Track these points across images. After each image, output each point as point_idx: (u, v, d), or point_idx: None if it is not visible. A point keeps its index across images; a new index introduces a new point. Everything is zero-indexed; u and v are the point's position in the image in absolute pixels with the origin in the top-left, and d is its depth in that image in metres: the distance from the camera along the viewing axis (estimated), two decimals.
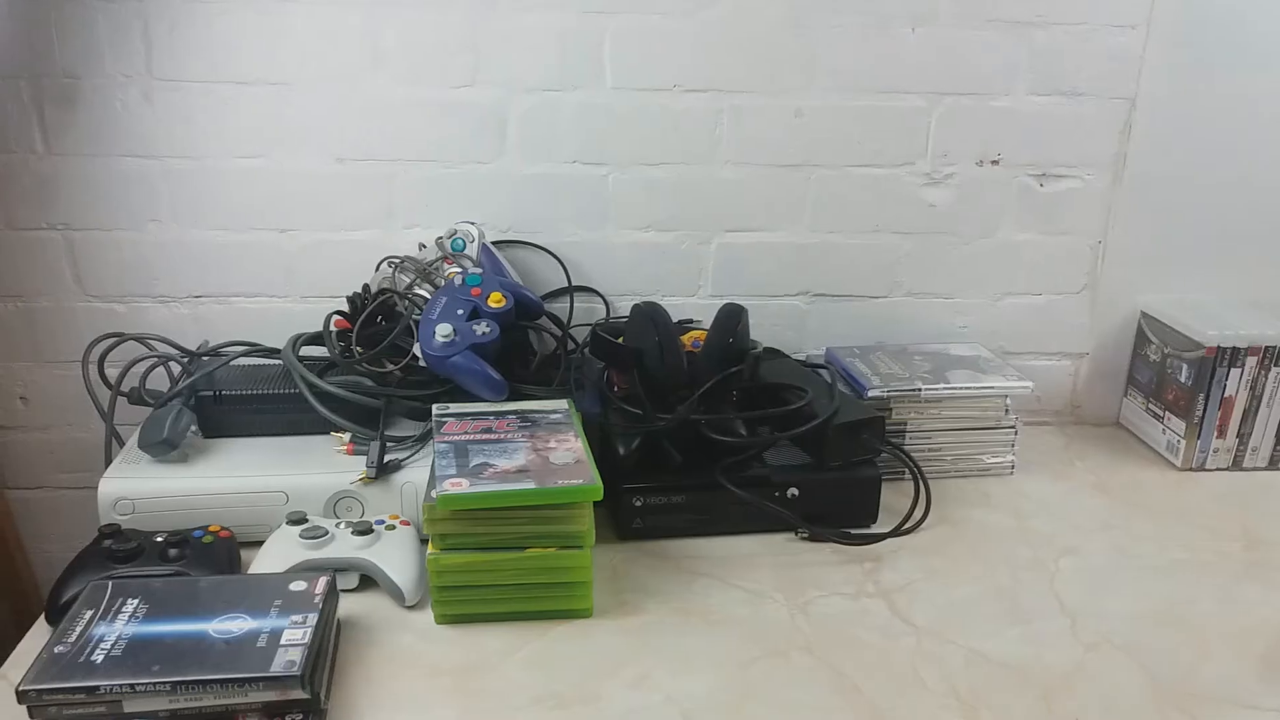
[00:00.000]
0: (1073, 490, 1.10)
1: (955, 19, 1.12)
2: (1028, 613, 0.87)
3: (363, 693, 0.75)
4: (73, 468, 1.19)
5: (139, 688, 0.66)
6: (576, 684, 0.76)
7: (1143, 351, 1.21)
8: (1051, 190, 1.20)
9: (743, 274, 1.20)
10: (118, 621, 0.71)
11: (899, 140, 1.16)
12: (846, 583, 0.91)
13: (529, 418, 0.92)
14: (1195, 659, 0.81)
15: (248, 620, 0.72)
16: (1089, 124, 1.17)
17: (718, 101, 1.13)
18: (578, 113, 1.11)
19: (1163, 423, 1.15)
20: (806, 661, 0.80)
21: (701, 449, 0.96)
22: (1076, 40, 1.14)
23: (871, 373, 1.12)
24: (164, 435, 0.92)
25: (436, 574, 0.81)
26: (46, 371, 1.15)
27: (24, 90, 1.05)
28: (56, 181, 1.08)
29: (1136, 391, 1.23)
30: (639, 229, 1.17)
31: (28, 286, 1.12)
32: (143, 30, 1.04)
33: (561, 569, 0.82)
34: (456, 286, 1.00)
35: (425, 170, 1.12)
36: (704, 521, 0.97)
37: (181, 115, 1.07)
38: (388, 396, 0.97)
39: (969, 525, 1.02)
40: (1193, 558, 0.96)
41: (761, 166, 1.16)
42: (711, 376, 0.97)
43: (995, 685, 0.77)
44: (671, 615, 0.85)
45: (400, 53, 1.07)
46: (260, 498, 0.91)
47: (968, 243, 1.22)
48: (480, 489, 0.79)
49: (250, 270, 1.14)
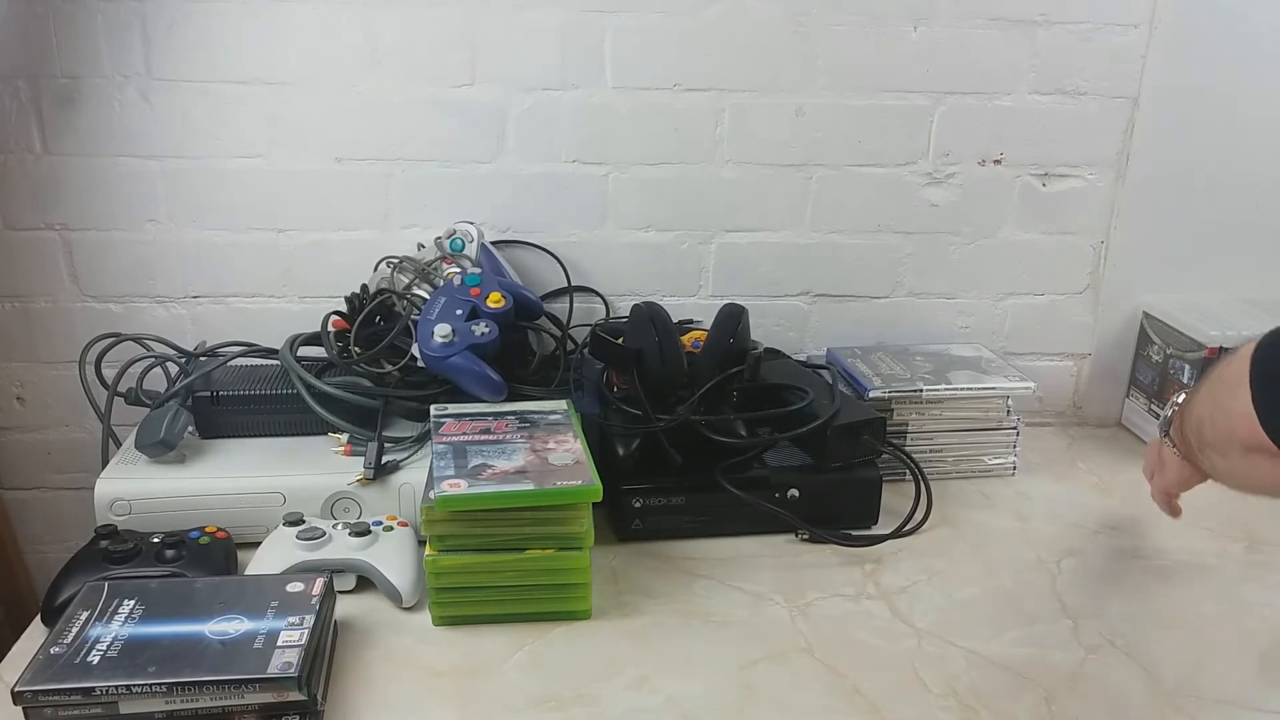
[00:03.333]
0: (1075, 491, 1.10)
1: (957, 18, 1.11)
2: (1029, 614, 0.86)
3: (360, 695, 0.74)
4: (69, 468, 1.18)
5: (135, 689, 0.66)
6: (575, 686, 0.76)
7: (1145, 352, 1.20)
8: (1054, 190, 1.20)
9: (743, 274, 1.20)
10: (114, 623, 0.71)
11: (901, 139, 1.16)
12: (847, 584, 0.90)
13: (528, 418, 0.92)
14: (1197, 661, 0.81)
15: (244, 621, 0.72)
16: (1092, 123, 1.17)
17: (718, 101, 1.12)
18: (577, 112, 1.11)
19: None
20: (807, 663, 0.79)
21: (701, 450, 0.96)
22: (1079, 39, 1.13)
23: (873, 373, 1.11)
24: (161, 436, 0.92)
25: (434, 575, 0.81)
26: (43, 372, 1.15)
27: (22, 90, 1.04)
28: (54, 181, 1.08)
29: (1139, 393, 1.23)
30: (639, 229, 1.17)
31: (25, 286, 1.12)
32: (141, 30, 1.03)
33: (560, 570, 0.82)
34: (455, 287, 0.99)
35: (424, 170, 1.12)
36: (704, 522, 0.96)
37: (180, 115, 1.07)
38: (386, 397, 0.97)
39: (970, 526, 1.01)
40: (1195, 559, 0.96)
41: (762, 166, 1.15)
42: (711, 377, 0.97)
43: (997, 687, 0.77)
44: (671, 617, 0.85)
45: (399, 52, 1.07)
46: (257, 499, 0.91)
47: (970, 242, 1.21)
48: (479, 490, 0.79)
49: (248, 270, 1.13)
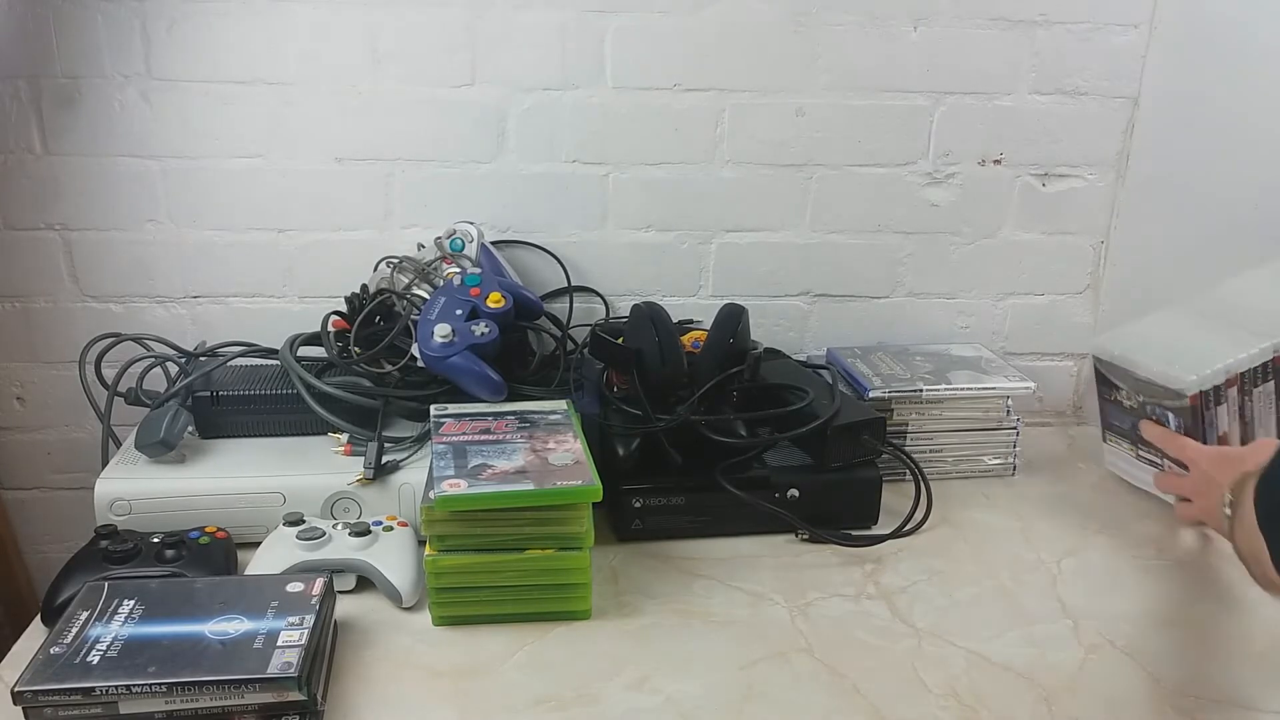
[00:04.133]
0: (1074, 491, 1.09)
1: (957, 18, 1.11)
2: (1029, 615, 0.86)
3: (360, 695, 0.74)
4: (69, 468, 1.18)
5: (135, 689, 0.65)
6: (575, 686, 0.76)
7: (1112, 397, 1.04)
8: (1054, 190, 1.20)
9: (743, 274, 1.20)
10: (114, 623, 0.71)
11: (901, 139, 1.16)
12: (847, 584, 0.90)
13: (528, 418, 0.92)
14: (1197, 661, 0.81)
15: (244, 621, 0.72)
16: (1092, 123, 1.17)
17: (718, 101, 1.12)
18: (577, 112, 1.11)
19: (1164, 469, 1.02)
20: (807, 663, 0.79)
21: (701, 450, 0.96)
22: (1079, 39, 1.13)
23: (873, 373, 1.11)
24: (161, 436, 0.92)
25: (434, 575, 0.81)
26: (43, 372, 1.15)
27: (22, 90, 1.04)
28: (54, 181, 1.08)
29: (1119, 439, 1.06)
30: (639, 229, 1.17)
31: (25, 286, 1.11)
32: (141, 30, 1.03)
33: (560, 570, 0.82)
34: (455, 287, 0.99)
35: (424, 170, 1.12)
36: (704, 523, 0.96)
37: (180, 115, 1.07)
38: (386, 397, 0.97)
39: (970, 527, 1.01)
40: (1195, 560, 0.96)
41: (762, 166, 1.15)
42: (711, 377, 0.97)
43: (997, 688, 0.77)
44: (671, 617, 0.85)
45: (399, 52, 1.07)
46: (257, 499, 0.91)
47: (970, 243, 1.21)
48: (479, 490, 0.79)
49: (248, 270, 1.13)
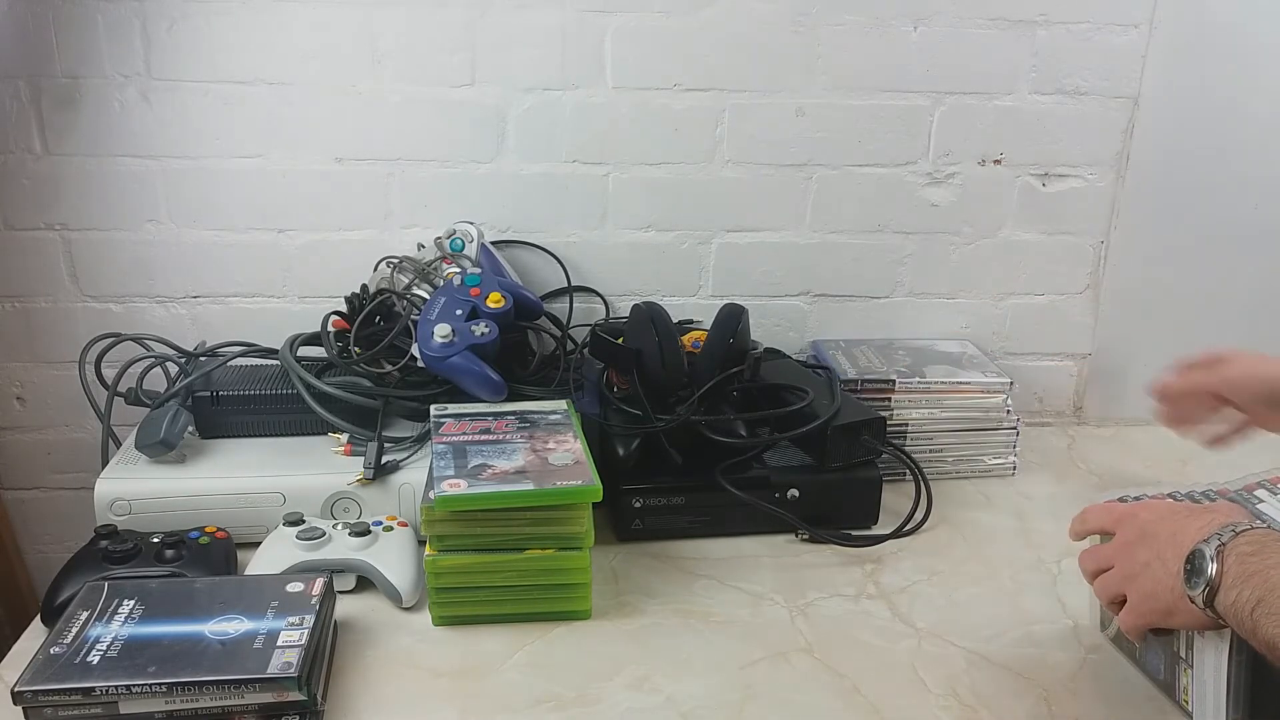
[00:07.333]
0: (1075, 491, 1.09)
1: (957, 18, 1.11)
2: (1029, 615, 0.86)
3: (360, 695, 0.74)
4: (69, 468, 1.18)
5: (135, 689, 0.65)
6: (575, 686, 0.76)
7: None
8: (1054, 190, 1.20)
9: (743, 274, 1.20)
10: (114, 622, 0.71)
11: (901, 139, 1.16)
12: (847, 584, 0.90)
13: (528, 418, 0.92)
14: None
15: (244, 621, 0.72)
16: (1092, 123, 1.17)
17: (719, 101, 1.12)
18: (577, 112, 1.11)
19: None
20: (807, 663, 0.79)
21: (701, 450, 0.96)
22: (1079, 39, 1.13)
23: (850, 365, 1.11)
24: (161, 436, 0.92)
25: (434, 575, 0.81)
26: (43, 372, 1.15)
27: (22, 90, 1.04)
28: (54, 181, 1.08)
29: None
30: (639, 229, 1.17)
31: (25, 286, 1.11)
32: (141, 30, 1.03)
33: (560, 570, 0.82)
34: (455, 287, 0.99)
35: (424, 170, 1.11)
36: (704, 523, 0.96)
37: (180, 115, 1.07)
38: (386, 397, 0.97)
39: (970, 526, 1.01)
40: None
41: (762, 166, 1.15)
42: (711, 377, 0.97)
43: (997, 687, 0.77)
44: (671, 617, 0.85)
45: (399, 52, 1.07)
46: (257, 499, 0.91)
47: (970, 243, 1.21)
48: (478, 490, 0.78)
49: (248, 270, 1.13)
